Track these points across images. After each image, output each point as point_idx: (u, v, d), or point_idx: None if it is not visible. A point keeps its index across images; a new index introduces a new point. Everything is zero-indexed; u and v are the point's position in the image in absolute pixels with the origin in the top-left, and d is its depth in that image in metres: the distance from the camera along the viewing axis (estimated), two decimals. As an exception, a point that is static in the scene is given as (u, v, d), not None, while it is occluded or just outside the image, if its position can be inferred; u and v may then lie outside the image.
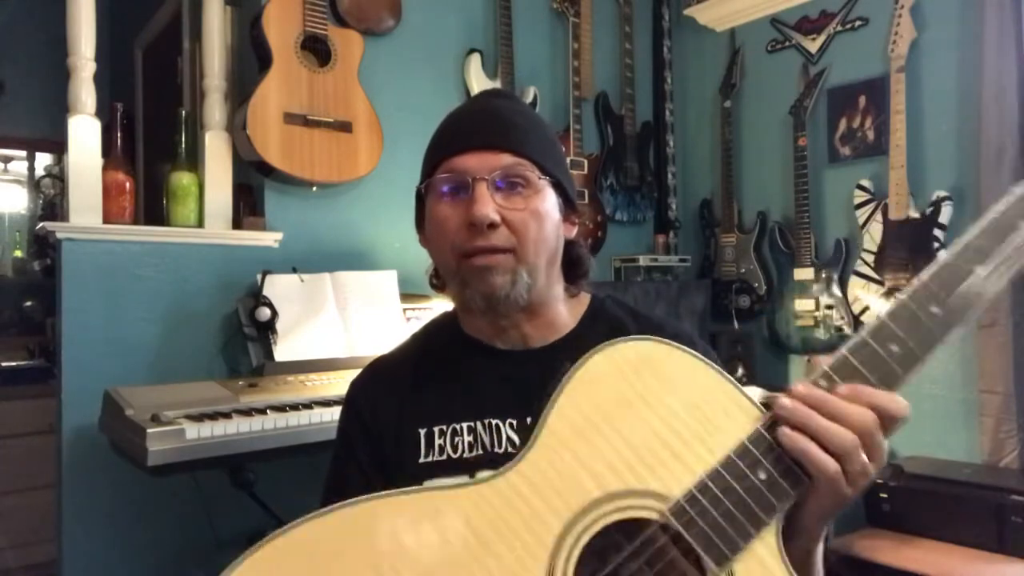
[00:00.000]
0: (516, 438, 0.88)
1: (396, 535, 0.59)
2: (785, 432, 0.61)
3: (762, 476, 0.60)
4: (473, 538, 0.60)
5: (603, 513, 0.61)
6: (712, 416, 0.62)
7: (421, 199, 0.95)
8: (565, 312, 0.97)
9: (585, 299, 1.00)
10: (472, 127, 0.91)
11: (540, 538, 0.59)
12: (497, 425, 0.89)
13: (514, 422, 0.89)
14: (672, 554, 0.61)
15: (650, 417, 0.62)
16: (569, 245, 0.96)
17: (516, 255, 0.87)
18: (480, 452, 0.88)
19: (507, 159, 0.88)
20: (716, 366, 0.65)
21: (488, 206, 0.85)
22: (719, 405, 0.63)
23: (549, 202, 0.90)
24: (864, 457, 0.62)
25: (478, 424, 0.89)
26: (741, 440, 0.61)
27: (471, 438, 0.89)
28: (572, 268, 0.98)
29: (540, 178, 0.89)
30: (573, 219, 0.97)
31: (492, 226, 0.85)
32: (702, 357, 0.64)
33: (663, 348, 0.65)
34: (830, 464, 0.60)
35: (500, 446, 0.88)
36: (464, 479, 0.65)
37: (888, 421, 0.62)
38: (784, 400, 0.62)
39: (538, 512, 0.60)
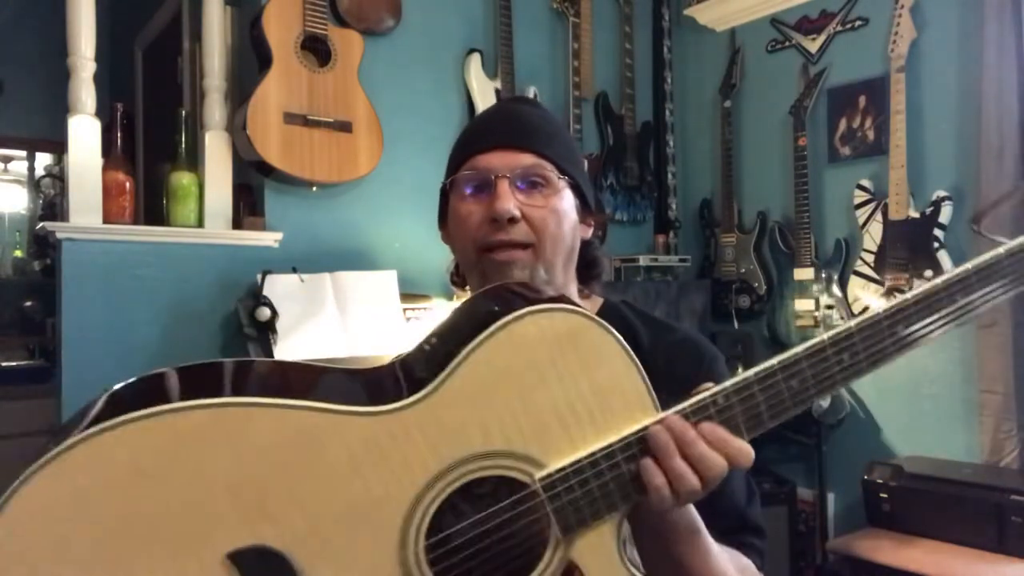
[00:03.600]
0: None
1: (270, 442, 0.60)
2: (646, 463, 0.65)
3: (626, 473, 0.65)
4: (347, 464, 0.61)
5: (480, 467, 0.63)
6: (613, 404, 0.65)
7: (445, 196, 0.98)
8: None
9: (597, 301, 1.02)
10: (496, 128, 0.95)
11: (413, 478, 0.62)
12: None
13: None
14: (530, 517, 0.65)
15: (555, 389, 0.64)
16: (585, 246, 0.99)
17: (535, 251, 0.90)
18: None
19: (528, 159, 0.91)
20: (635, 360, 0.67)
21: (509, 202, 0.88)
22: (624, 396, 0.65)
23: (567, 202, 0.93)
24: (695, 488, 0.66)
25: None
26: (624, 435, 0.65)
27: None
28: (586, 269, 1.00)
29: (559, 178, 0.92)
30: (590, 221, 1.00)
31: (512, 221, 0.88)
32: (627, 348, 0.66)
33: (595, 329, 0.65)
34: (668, 497, 0.65)
35: None
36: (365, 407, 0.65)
37: (733, 466, 0.67)
38: (656, 430, 0.65)
39: (419, 453, 0.62)
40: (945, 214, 2.43)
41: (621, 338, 0.66)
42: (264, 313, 2.05)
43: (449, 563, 0.64)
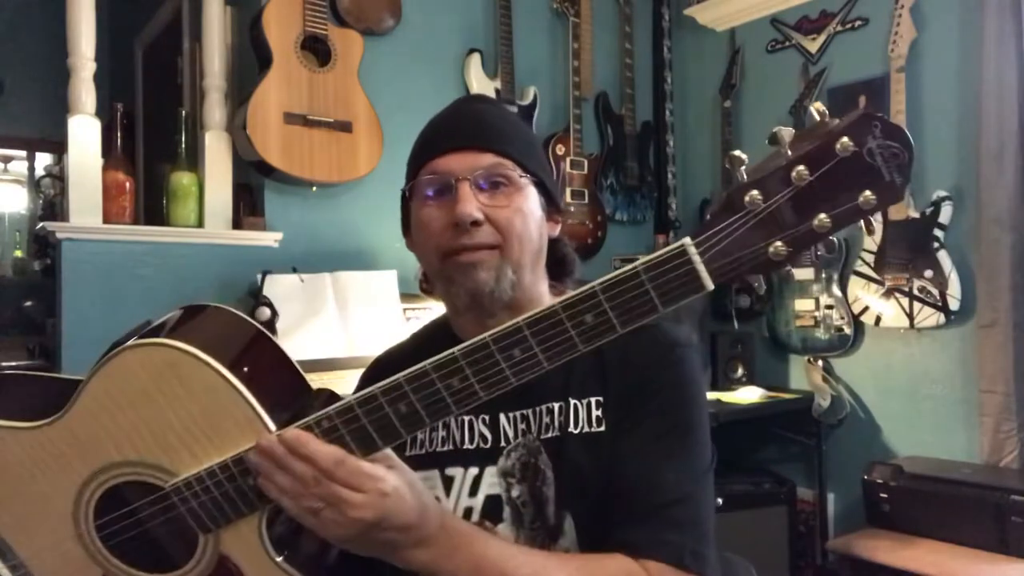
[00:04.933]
0: (488, 433, 0.91)
1: None
2: (259, 479, 0.72)
3: (244, 485, 0.73)
4: (23, 467, 0.78)
5: (121, 472, 0.76)
6: (225, 425, 0.73)
7: (406, 202, 0.97)
8: None
9: None
10: (453, 129, 0.92)
11: (71, 480, 0.77)
12: (470, 421, 0.92)
13: (486, 417, 0.91)
14: (168, 515, 0.75)
15: (168, 412, 0.73)
16: (554, 243, 0.98)
17: (501, 251, 0.88)
18: (451, 447, 0.93)
19: (489, 159, 0.89)
20: (238, 387, 0.72)
21: (471, 204, 0.86)
22: (234, 418, 0.72)
23: (532, 200, 0.92)
24: (315, 502, 0.69)
25: (452, 420, 0.92)
26: (240, 452, 0.72)
27: (444, 432, 0.93)
28: (558, 266, 0.99)
29: (521, 176, 0.90)
30: (556, 218, 0.99)
31: (476, 224, 0.86)
32: (227, 377, 0.72)
33: (193, 362, 0.72)
34: (282, 500, 0.70)
35: (472, 441, 0.92)
36: (39, 423, 0.78)
37: (329, 474, 0.69)
38: (249, 454, 0.72)
39: (71, 461, 0.77)
40: (945, 214, 2.43)
41: (221, 368, 0.72)
42: (264, 313, 2.05)
43: (118, 540, 0.78)
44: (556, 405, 0.89)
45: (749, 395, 2.65)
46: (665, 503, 0.83)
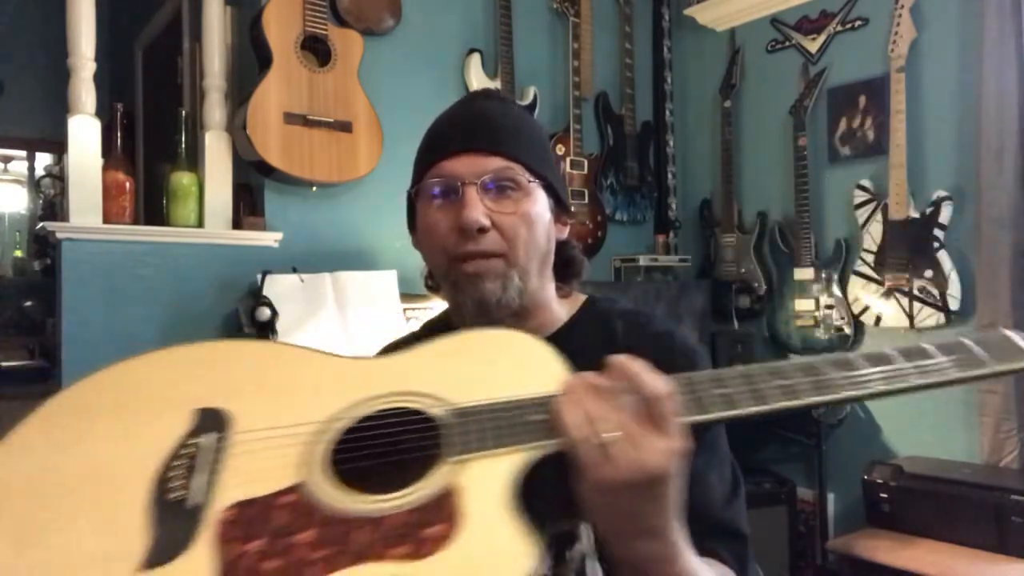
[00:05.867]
0: None
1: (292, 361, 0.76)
2: (555, 400, 0.69)
3: (526, 416, 0.68)
4: (325, 381, 0.74)
5: (390, 398, 0.72)
6: (527, 373, 0.73)
7: (412, 200, 0.95)
8: (557, 312, 0.96)
9: (580, 299, 0.99)
10: (461, 130, 0.90)
11: (336, 402, 0.71)
12: None
13: None
14: (424, 435, 0.69)
15: (476, 364, 0.75)
16: (561, 245, 0.96)
17: (507, 259, 0.87)
18: None
19: (497, 162, 0.87)
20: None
21: (477, 210, 0.85)
22: (542, 373, 0.72)
23: (540, 204, 0.90)
24: (613, 431, 0.65)
25: None
26: (533, 394, 0.70)
27: None
28: (564, 268, 0.97)
29: (530, 181, 0.89)
30: (565, 219, 0.97)
31: (482, 230, 0.85)
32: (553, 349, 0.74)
33: (525, 338, 0.76)
34: (577, 428, 0.65)
35: None
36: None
37: (654, 399, 0.66)
38: (570, 377, 0.70)
39: (350, 387, 0.73)
40: (945, 214, 2.43)
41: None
42: (264, 313, 2.05)
43: (347, 455, 0.70)
44: None
45: (749, 395, 2.64)
46: (711, 507, 0.84)
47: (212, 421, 0.68)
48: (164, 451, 0.66)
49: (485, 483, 0.65)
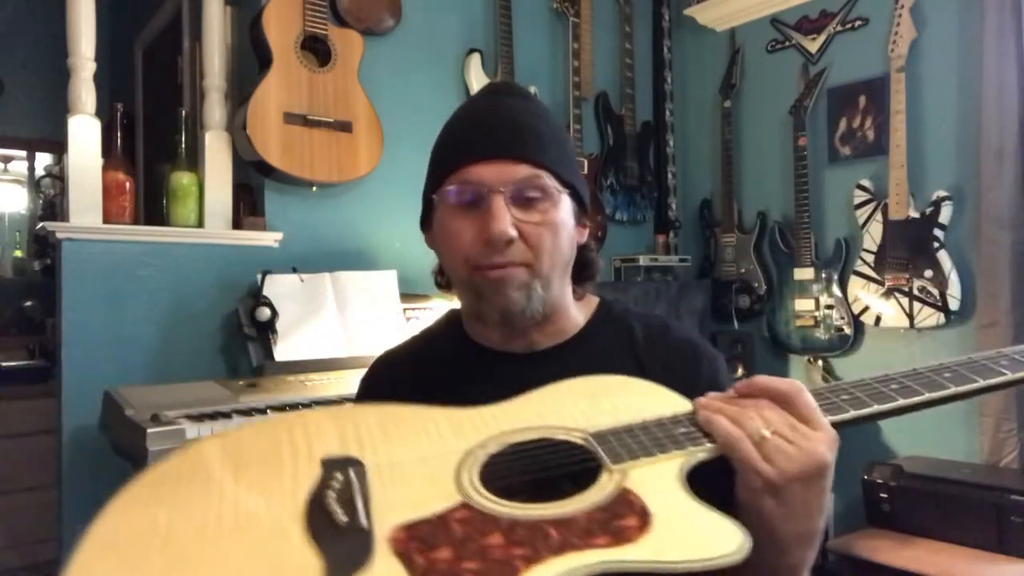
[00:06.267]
0: None
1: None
2: (701, 405, 0.73)
3: (680, 430, 0.72)
4: (446, 427, 0.76)
5: (526, 430, 0.75)
6: (651, 406, 0.77)
7: (429, 198, 0.93)
8: (575, 316, 0.95)
9: (593, 301, 0.99)
10: (487, 133, 0.87)
11: (468, 439, 0.74)
12: None
13: None
14: (577, 454, 0.72)
15: (604, 401, 0.77)
16: (581, 248, 0.94)
17: (531, 269, 0.85)
18: None
19: (525, 170, 0.85)
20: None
21: (505, 221, 0.82)
22: (662, 406, 0.77)
23: (565, 211, 0.88)
24: (760, 426, 0.68)
25: None
26: (672, 412, 0.75)
27: None
28: (581, 271, 0.96)
29: (558, 190, 0.87)
30: (585, 222, 0.95)
31: (508, 242, 0.83)
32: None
33: (616, 380, 0.81)
34: (727, 433, 0.69)
35: None
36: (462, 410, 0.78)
37: (789, 398, 0.70)
38: (701, 398, 0.74)
39: (492, 425, 0.76)
40: (945, 214, 2.43)
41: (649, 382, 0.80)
42: (264, 313, 2.05)
43: (498, 474, 0.70)
44: None
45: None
46: None
47: (345, 463, 0.69)
48: (305, 491, 0.66)
49: (656, 483, 0.68)
